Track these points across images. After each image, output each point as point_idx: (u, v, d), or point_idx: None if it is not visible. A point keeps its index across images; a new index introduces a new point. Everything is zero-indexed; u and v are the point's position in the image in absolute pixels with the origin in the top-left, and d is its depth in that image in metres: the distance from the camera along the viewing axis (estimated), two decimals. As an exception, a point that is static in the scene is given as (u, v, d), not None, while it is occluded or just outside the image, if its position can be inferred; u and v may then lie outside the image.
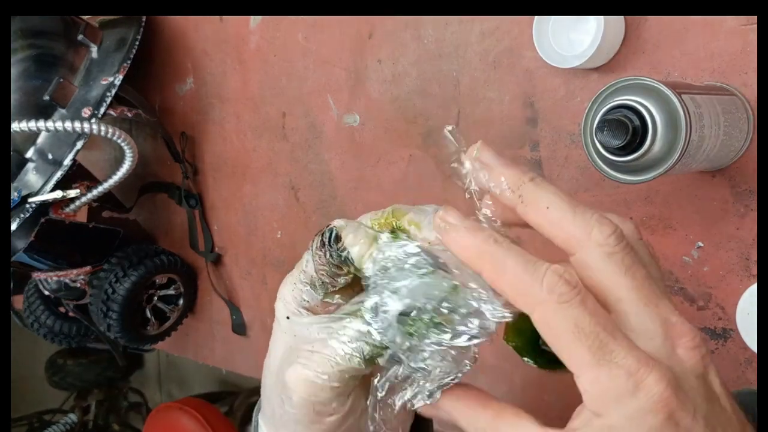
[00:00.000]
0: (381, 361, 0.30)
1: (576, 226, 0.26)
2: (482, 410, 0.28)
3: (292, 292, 0.33)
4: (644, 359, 0.24)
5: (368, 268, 0.30)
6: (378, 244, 0.30)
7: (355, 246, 0.30)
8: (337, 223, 0.31)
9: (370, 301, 0.29)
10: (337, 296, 0.32)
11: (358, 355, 0.29)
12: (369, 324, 0.29)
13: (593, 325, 0.24)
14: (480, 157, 0.28)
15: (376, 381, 0.30)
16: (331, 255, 0.30)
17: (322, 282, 0.31)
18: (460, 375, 0.29)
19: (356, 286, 0.33)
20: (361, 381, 0.32)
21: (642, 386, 0.23)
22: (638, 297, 0.25)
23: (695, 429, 0.24)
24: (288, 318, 0.33)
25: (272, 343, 0.34)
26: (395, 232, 0.30)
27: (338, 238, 0.30)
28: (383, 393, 0.29)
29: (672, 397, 0.23)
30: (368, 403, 0.31)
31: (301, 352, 0.31)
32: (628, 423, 0.24)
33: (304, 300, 0.33)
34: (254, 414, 0.38)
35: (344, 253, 0.30)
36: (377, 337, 0.29)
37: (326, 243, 0.31)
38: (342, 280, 0.31)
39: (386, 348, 0.29)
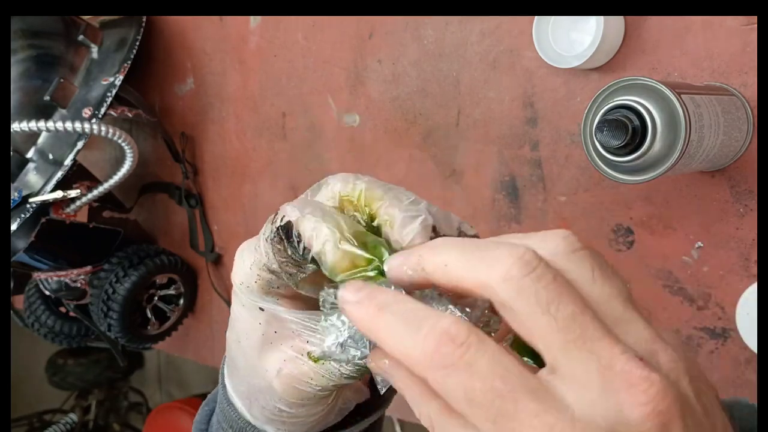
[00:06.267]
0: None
1: (477, 267, 0.22)
2: (431, 399, 0.23)
3: (256, 280, 0.29)
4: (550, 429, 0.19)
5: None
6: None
7: (327, 253, 0.26)
8: (290, 213, 0.27)
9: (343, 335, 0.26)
10: (307, 287, 0.29)
11: (352, 374, 0.29)
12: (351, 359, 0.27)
13: (486, 392, 0.20)
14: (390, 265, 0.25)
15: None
16: (293, 252, 0.27)
17: (289, 274, 0.28)
18: None
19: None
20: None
21: None
22: (564, 341, 0.20)
23: None
24: (262, 309, 0.30)
25: (237, 322, 0.31)
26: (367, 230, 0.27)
27: (290, 230, 0.27)
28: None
29: None
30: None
31: (288, 355, 0.30)
32: None
33: (273, 288, 0.30)
34: (221, 369, 0.36)
35: (308, 255, 0.27)
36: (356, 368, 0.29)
37: (283, 238, 0.27)
38: (311, 267, 0.28)
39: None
